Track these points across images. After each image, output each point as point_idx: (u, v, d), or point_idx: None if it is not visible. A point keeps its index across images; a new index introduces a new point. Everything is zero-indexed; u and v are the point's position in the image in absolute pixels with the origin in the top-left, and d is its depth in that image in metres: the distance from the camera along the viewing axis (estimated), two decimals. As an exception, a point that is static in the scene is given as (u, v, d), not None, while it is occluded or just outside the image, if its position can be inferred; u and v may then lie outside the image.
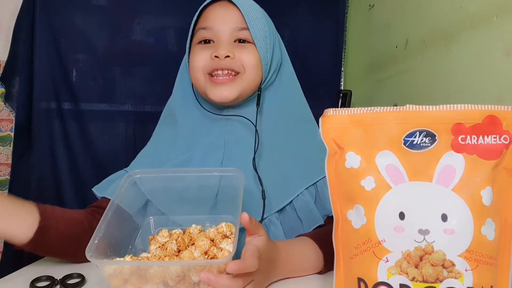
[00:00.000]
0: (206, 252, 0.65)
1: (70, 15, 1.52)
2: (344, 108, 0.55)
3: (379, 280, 0.50)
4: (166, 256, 0.64)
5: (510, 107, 0.50)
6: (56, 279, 0.68)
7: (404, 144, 0.52)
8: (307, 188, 0.85)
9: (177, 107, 0.91)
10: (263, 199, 0.79)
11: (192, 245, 0.67)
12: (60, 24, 1.50)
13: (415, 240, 0.50)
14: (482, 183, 0.50)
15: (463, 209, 0.49)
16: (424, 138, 0.51)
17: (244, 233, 0.65)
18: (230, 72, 0.82)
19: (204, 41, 0.85)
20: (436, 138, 0.51)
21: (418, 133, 0.51)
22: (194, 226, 0.71)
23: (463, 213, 0.49)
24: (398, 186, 0.51)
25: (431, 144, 0.51)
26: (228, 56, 0.81)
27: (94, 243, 0.61)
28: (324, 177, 0.56)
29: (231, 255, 0.57)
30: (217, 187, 0.78)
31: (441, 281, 0.48)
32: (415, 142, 0.51)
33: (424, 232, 0.49)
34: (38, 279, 0.68)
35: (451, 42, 0.96)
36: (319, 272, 0.73)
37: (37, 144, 1.48)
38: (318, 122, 0.55)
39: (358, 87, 1.56)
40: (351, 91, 1.56)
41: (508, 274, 0.50)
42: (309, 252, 0.72)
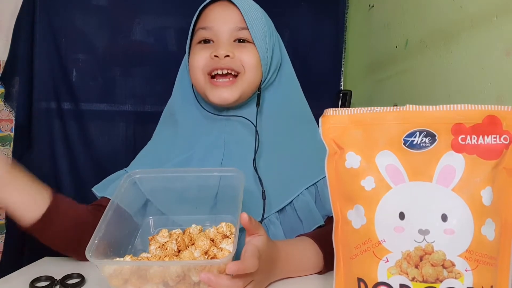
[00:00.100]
0: (206, 252, 0.65)
1: (70, 15, 1.52)
2: (344, 108, 0.55)
3: (379, 280, 0.50)
4: (166, 256, 0.64)
5: (510, 107, 0.50)
6: (56, 279, 0.68)
7: (404, 144, 0.52)
8: (307, 188, 0.85)
9: (177, 107, 0.91)
10: (263, 199, 0.79)
11: (192, 245, 0.67)
12: (60, 24, 1.50)
13: (415, 240, 0.49)
14: (482, 183, 0.50)
15: (463, 209, 0.49)
16: (424, 138, 0.51)
17: (244, 233, 0.65)
18: (230, 73, 0.82)
19: (203, 41, 0.85)
20: (436, 138, 0.51)
21: (418, 133, 0.51)
22: (194, 226, 0.71)
23: (463, 213, 0.49)
24: (398, 186, 0.51)
25: (431, 144, 0.51)
26: (227, 55, 0.81)
27: (94, 243, 0.61)
28: (324, 177, 0.56)
29: (231, 255, 0.57)
30: (217, 187, 0.78)
31: (441, 281, 0.48)
32: (415, 142, 0.51)
33: (424, 232, 0.49)
34: (38, 279, 0.68)
35: (451, 42, 0.96)
36: (319, 272, 0.73)
37: (37, 144, 1.48)
38: (318, 122, 0.55)
39: (358, 87, 1.56)
40: (351, 91, 1.56)
41: (508, 274, 0.50)
42: (309, 252, 0.72)
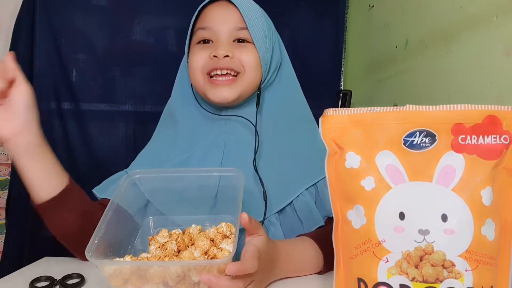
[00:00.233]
0: (206, 252, 0.65)
1: (70, 15, 1.52)
2: (344, 108, 0.55)
3: (379, 280, 0.50)
4: (166, 256, 0.64)
5: (510, 107, 0.50)
6: (56, 279, 0.68)
7: (404, 144, 0.52)
8: (307, 189, 0.85)
9: (176, 107, 0.91)
10: (265, 200, 0.79)
11: (192, 245, 0.67)
12: (60, 24, 1.50)
13: (415, 240, 0.49)
14: (482, 183, 0.49)
15: (463, 209, 0.49)
16: (424, 138, 0.51)
17: (244, 233, 0.65)
18: (229, 73, 0.82)
19: (203, 41, 0.85)
20: (436, 138, 0.51)
21: (418, 133, 0.51)
22: (194, 226, 0.71)
23: (463, 213, 0.49)
24: (398, 186, 0.51)
25: (431, 144, 0.51)
26: (227, 55, 0.81)
27: (94, 243, 0.61)
28: (324, 177, 0.56)
29: (231, 255, 0.57)
30: (216, 187, 0.78)
31: (441, 281, 0.48)
32: (415, 142, 0.51)
33: (424, 232, 0.49)
34: (37, 279, 0.68)
35: (451, 42, 0.96)
36: (319, 272, 0.73)
37: (37, 144, 1.48)
38: (318, 122, 0.55)
39: (358, 87, 1.56)
40: (351, 91, 1.56)
41: (508, 274, 0.50)
42: (309, 252, 0.72)
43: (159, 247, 0.66)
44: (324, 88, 1.66)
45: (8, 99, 0.67)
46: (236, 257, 0.59)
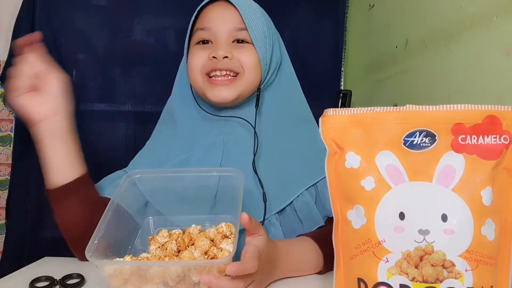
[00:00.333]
0: (206, 252, 0.65)
1: (70, 15, 1.51)
2: (344, 108, 0.55)
3: (379, 280, 0.50)
4: (166, 256, 0.64)
5: (510, 107, 0.50)
6: (56, 279, 0.68)
7: (404, 144, 0.52)
8: (307, 189, 0.85)
9: (176, 108, 0.91)
10: (264, 201, 0.79)
11: (192, 245, 0.67)
12: (60, 24, 1.50)
13: (415, 240, 0.49)
14: (482, 183, 0.49)
15: (463, 209, 0.49)
16: (424, 138, 0.51)
17: (244, 233, 0.65)
18: (228, 73, 0.82)
19: (202, 41, 0.85)
20: (436, 138, 0.51)
21: (418, 133, 0.51)
22: (194, 226, 0.71)
23: (463, 213, 0.49)
24: (398, 186, 0.51)
25: (431, 144, 0.51)
26: (226, 57, 0.81)
27: (94, 243, 0.61)
28: (324, 177, 0.56)
29: (231, 255, 0.57)
30: (216, 187, 0.78)
31: (441, 281, 0.48)
32: (415, 142, 0.51)
33: (424, 232, 0.49)
34: (37, 279, 0.68)
35: (451, 42, 0.96)
36: (319, 272, 0.73)
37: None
38: (318, 122, 0.55)
39: (358, 87, 1.56)
40: (351, 91, 1.55)
41: (508, 274, 0.50)
42: (309, 252, 0.72)
43: (159, 247, 0.66)
44: (324, 88, 1.66)
45: (39, 86, 0.73)
46: (236, 257, 0.59)
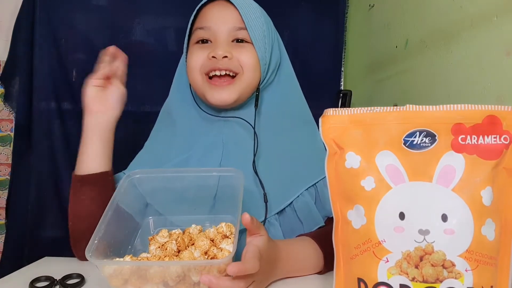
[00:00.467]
0: (206, 252, 0.65)
1: (70, 15, 1.51)
2: (344, 108, 0.55)
3: (379, 280, 0.50)
4: (166, 256, 0.64)
5: (510, 107, 0.50)
6: (56, 279, 0.68)
7: (404, 144, 0.52)
8: (307, 189, 0.85)
9: (174, 107, 0.91)
10: (265, 202, 0.79)
11: (192, 245, 0.67)
12: (60, 24, 1.50)
13: (415, 240, 0.49)
14: (482, 183, 0.49)
15: (463, 209, 0.49)
16: (424, 138, 0.51)
17: (244, 233, 0.65)
18: (228, 74, 0.82)
19: (201, 41, 0.84)
20: (436, 138, 0.51)
21: (418, 133, 0.51)
22: (193, 226, 0.71)
23: (463, 213, 0.49)
24: (398, 186, 0.51)
25: (431, 144, 0.51)
26: (225, 56, 0.80)
27: (94, 243, 0.61)
28: (324, 177, 0.56)
29: (231, 255, 0.57)
30: (216, 187, 0.78)
31: (441, 281, 0.48)
32: (415, 142, 0.51)
33: (424, 232, 0.49)
34: (37, 279, 0.68)
35: (451, 42, 0.96)
36: (319, 272, 0.73)
37: (37, 144, 1.48)
38: (318, 122, 0.55)
39: (358, 87, 1.56)
40: (351, 91, 1.55)
41: (508, 274, 0.50)
42: (309, 251, 0.72)
43: (159, 247, 0.66)
44: (324, 88, 1.66)
45: (108, 86, 0.85)
46: (236, 257, 0.59)
